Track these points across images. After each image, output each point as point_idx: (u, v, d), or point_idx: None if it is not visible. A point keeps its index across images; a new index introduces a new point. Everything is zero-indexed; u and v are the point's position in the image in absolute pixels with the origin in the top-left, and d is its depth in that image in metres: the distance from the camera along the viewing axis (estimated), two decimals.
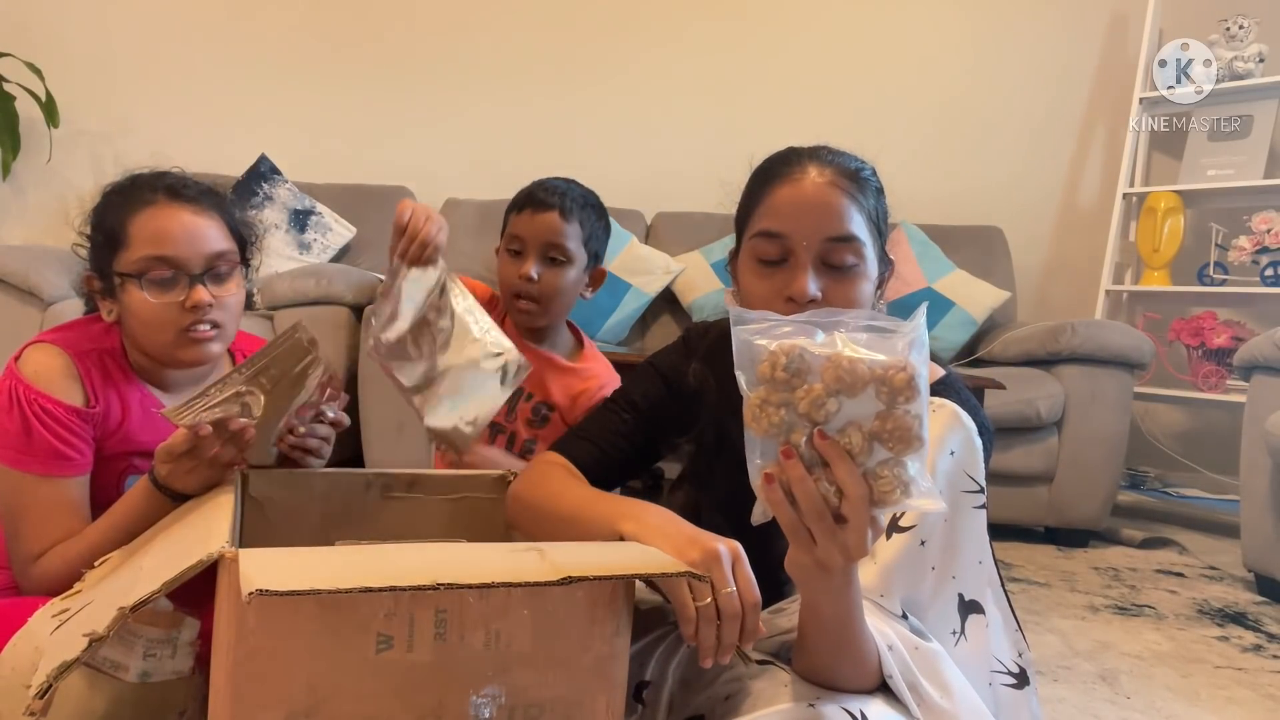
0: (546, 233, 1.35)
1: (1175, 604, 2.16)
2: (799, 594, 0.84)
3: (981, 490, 0.97)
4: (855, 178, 0.99)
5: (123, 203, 1.13)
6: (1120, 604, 2.13)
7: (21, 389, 1.07)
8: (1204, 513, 3.11)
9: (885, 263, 1.03)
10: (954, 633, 0.96)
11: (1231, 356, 2.65)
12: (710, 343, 1.14)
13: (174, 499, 1.01)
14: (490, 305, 1.44)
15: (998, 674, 0.98)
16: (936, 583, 0.95)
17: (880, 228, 1.00)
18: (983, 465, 0.98)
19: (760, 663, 0.94)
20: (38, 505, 1.07)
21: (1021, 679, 1.02)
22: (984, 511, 0.97)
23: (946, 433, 0.96)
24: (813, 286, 0.95)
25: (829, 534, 0.72)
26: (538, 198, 1.38)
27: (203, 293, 1.10)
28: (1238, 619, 2.08)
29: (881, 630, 0.87)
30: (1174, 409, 3.38)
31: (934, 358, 1.02)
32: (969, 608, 0.97)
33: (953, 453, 0.95)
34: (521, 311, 1.39)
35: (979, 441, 0.97)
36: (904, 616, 0.92)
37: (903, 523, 0.94)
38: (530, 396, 1.44)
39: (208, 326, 1.12)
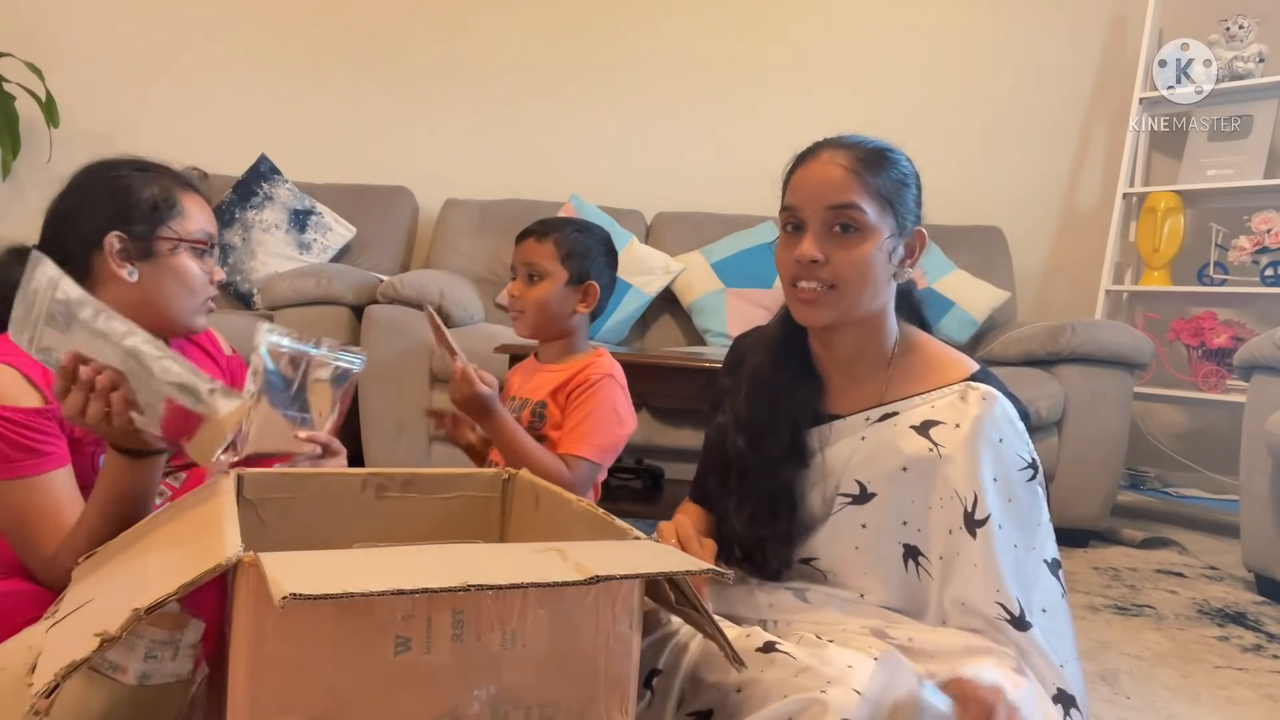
0: (524, 254, 1.58)
1: (1175, 604, 2.17)
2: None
3: (1033, 465, 1.07)
4: (869, 157, 1.09)
5: (164, 179, 1.26)
6: (1120, 604, 2.14)
7: None
8: (1204, 513, 3.11)
9: (907, 233, 1.14)
10: (1063, 595, 1.06)
11: (1231, 356, 2.66)
12: (736, 351, 1.31)
13: (132, 455, 1.01)
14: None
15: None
16: (1023, 555, 1.04)
17: (892, 200, 1.10)
18: (1029, 442, 1.08)
19: (767, 650, 0.95)
20: (33, 508, 1.07)
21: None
22: (1036, 484, 1.07)
23: (988, 419, 1.06)
24: (813, 249, 1.07)
25: None
26: (525, 230, 1.60)
27: (221, 271, 1.32)
28: (1238, 619, 2.08)
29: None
30: (1174, 409, 3.39)
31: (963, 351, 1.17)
32: (1056, 567, 1.07)
33: (1001, 440, 1.06)
34: (513, 323, 1.61)
35: (1019, 422, 1.08)
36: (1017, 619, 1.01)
37: (978, 516, 1.03)
38: (525, 404, 1.57)
39: (213, 302, 1.32)
